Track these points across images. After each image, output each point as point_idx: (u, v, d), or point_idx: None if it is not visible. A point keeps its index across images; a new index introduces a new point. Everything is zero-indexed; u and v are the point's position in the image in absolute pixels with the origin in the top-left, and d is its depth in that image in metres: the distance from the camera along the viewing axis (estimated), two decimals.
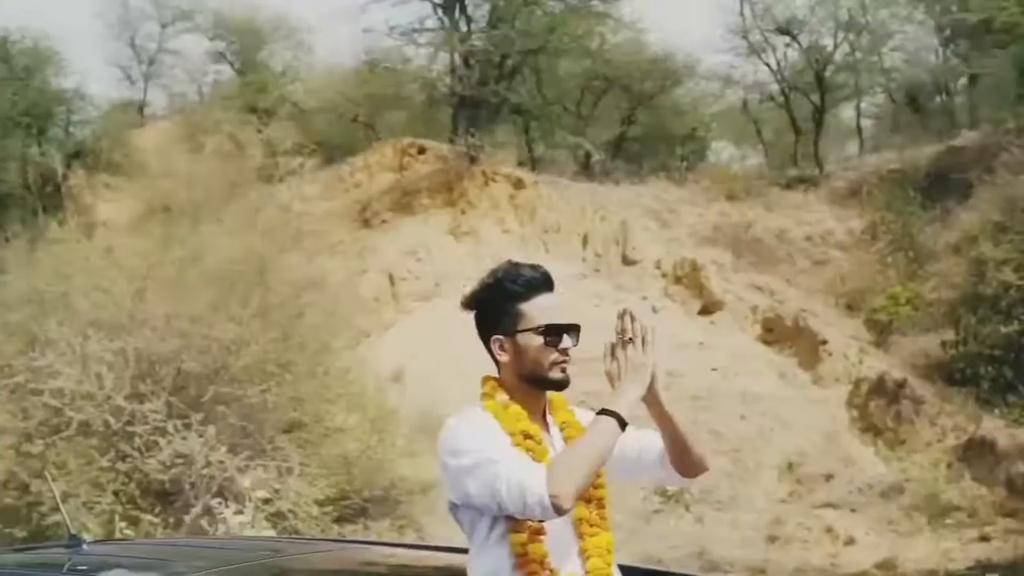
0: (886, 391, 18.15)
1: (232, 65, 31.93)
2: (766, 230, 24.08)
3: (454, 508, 3.46)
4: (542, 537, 3.42)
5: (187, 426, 13.62)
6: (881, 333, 19.89)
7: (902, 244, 21.90)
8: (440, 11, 25.89)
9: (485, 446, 3.37)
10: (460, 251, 21.99)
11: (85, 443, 13.57)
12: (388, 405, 16.88)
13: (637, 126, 32.09)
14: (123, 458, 13.53)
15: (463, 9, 25.22)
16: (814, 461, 17.78)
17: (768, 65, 30.05)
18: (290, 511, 13.58)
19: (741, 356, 19.88)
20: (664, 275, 21.70)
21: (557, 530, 3.43)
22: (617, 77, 30.22)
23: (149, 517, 13.58)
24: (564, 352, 3.48)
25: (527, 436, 3.46)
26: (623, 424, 3.37)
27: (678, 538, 16.44)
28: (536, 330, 3.47)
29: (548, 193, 23.15)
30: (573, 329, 3.54)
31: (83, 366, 13.64)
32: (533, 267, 3.58)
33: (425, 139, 26.34)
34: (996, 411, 17.51)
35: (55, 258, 15.19)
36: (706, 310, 21.00)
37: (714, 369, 19.61)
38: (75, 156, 29.01)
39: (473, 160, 23.28)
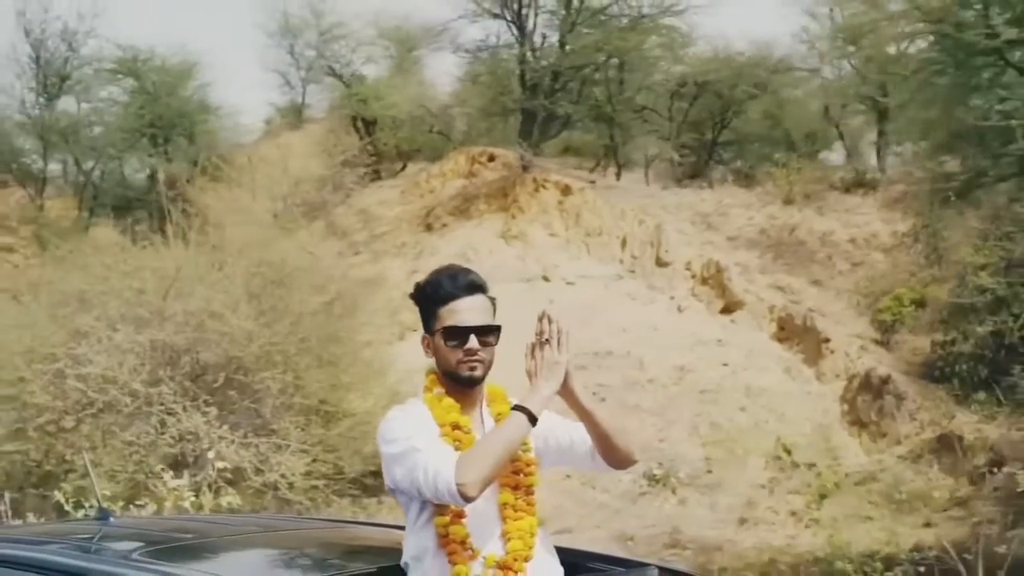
0: (872, 387, 19.28)
1: (340, 78, 34.06)
2: (811, 232, 25.22)
3: (392, 491, 3.72)
4: (463, 520, 3.64)
5: (196, 407, 15.79)
6: (885, 332, 20.95)
7: (930, 247, 22.80)
8: (513, 28, 27.68)
9: (411, 435, 3.60)
10: (508, 253, 23.76)
11: (109, 420, 15.86)
12: (404, 392, 18.73)
13: (730, 130, 33.24)
14: (140, 435, 15.76)
15: (521, 28, 26.97)
16: (801, 451, 18.99)
17: (853, 66, 30.99)
18: (276, 483, 15.62)
19: (753, 352, 21.17)
20: (693, 276, 23.09)
21: (481, 514, 3.66)
22: (706, 83, 31.48)
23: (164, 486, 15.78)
24: (469, 352, 3.68)
25: (456, 427, 3.69)
26: (533, 419, 3.59)
27: (657, 518, 17.92)
28: (440, 332, 3.73)
29: (593, 199, 24.74)
30: (491, 331, 3.74)
31: (109, 355, 15.94)
32: (454, 273, 3.81)
33: (500, 147, 28.21)
34: (973, 407, 18.51)
35: (99, 261, 17.54)
36: (727, 309, 22.32)
37: (725, 364, 20.97)
38: (194, 163, 31.70)
39: (525, 168, 25.05)
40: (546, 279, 23.06)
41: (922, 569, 10.77)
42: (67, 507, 11.89)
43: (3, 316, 18.04)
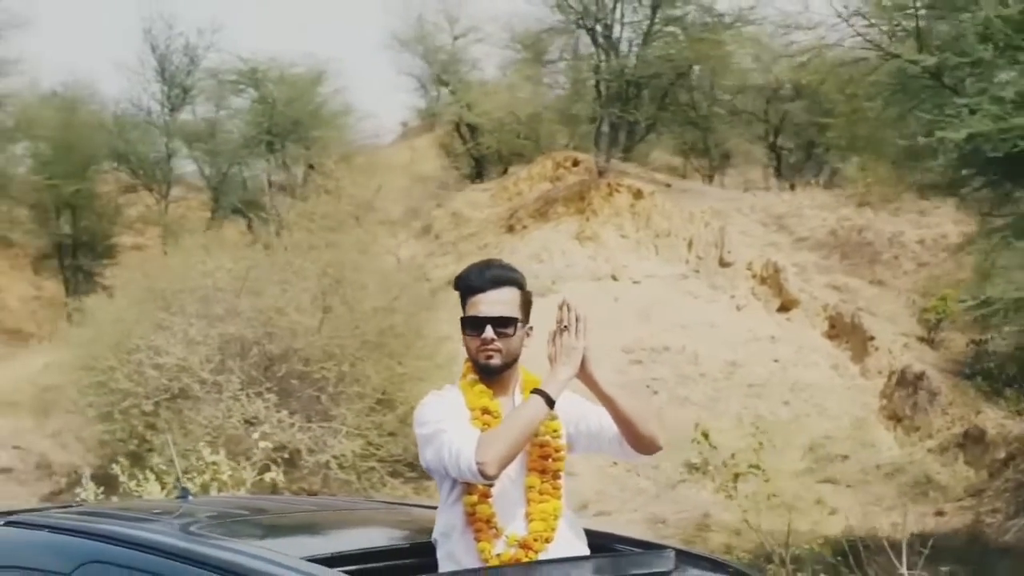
0: (907, 383, 20.14)
1: (446, 84, 35.65)
2: (879, 233, 25.98)
3: (427, 470, 3.89)
4: (489, 500, 3.81)
5: (258, 394, 17.56)
6: (930, 331, 21.73)
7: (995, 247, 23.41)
8: (599, 38, 28.95)
9: (442, 418, 3.77)
10: (580, 254, 25.10)
11: (183, 404, 17.73)
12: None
13: (831, 131, 33.83)
14: (212, 418, 17.56)
15: (602, 38, 28.28)
16: (837, 443, 19.95)
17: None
18: (328, 463, 17.30)
19: (803, 349, 22.15)
20: (754, 276, 24.13)
21: (508, 495, 3.84)
22: (802, 86, 32.21)
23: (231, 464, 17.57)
24: (485, 342, 3.84)
25: (485, 411, 3.84)
26: (551, 402, 3.74)
27: (691, 503, 19.08)
28: (461, 321, 3.93)
29: (663, 202, 25.92)
30: (509, 323, 3.86)
31: (184, 346, 17.81)
32: (484, 267, 3.98)
33: (591, 152, 29.55)
34: (1001, 403, 19.26)
35: (181, 263, 19.46)
36: (784, 308, 23.32)
37: (775, 360, 21.99)
38: (310, 168, 33.69)
39: (601, 173, 26.40)
40: (614, 278, 24.33)
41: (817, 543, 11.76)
42: (122, 478, 13.58)
43: (102, 312, 20.10)
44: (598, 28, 28.49)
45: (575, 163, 28.63)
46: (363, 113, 49.72)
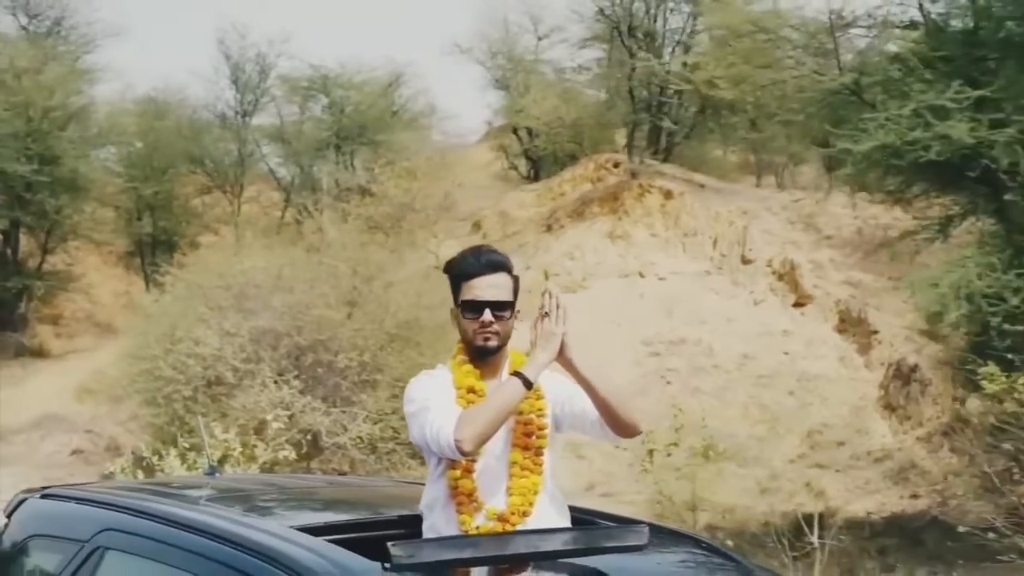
0: (902, 374, 21.19)
1: (508, 89, 37.12)
2: (904, 232, 26.86)
3: (416, 446, 4.06)
4: (472, 474, 3.98)
5: (286, 382, 19.25)
6: (933, 325, 22.65)
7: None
8: (629, 46, 30.24)
9: (428, 396, 3.93)
10: (611, 252, 26.46)
11: (217, 391, 19.49)
12: None
13: None
14: (246, 404, 19.27)
15: (629, 48, 29.58)
16: (835, 431, 21.08)
17: None
18: (345, 445, 18.93)
19: (813, 342, 23.27)
20: (772, 273, 25.29)
21: (491, 470, 4.00)
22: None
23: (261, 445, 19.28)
24: (483, 325, 4.01)
25: (471, 391, 4.00)
26: (528, 384, 3.86)
27: (690, 484, 20.35)
28: (460, 305, 4.09)
29: (691, 202, 27.15)
30: (506, 307, 4.04)
31: (220, 338, 19.57)
32: (478, 252, 4.17)
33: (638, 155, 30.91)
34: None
35: (221, 262, 21.25)
36: (799, 303, 24.45)
37: (786, 353, 23.15)
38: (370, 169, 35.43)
39: (634, 175, 27.74)
40: (641, 275, 25.66)
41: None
42: (146, 453, 15.28)
43: (153, 307, 21.99)
44: (639, 35, 29.75)
45: (615, 165, 29.99)
46: (446, 114, 51.60)
